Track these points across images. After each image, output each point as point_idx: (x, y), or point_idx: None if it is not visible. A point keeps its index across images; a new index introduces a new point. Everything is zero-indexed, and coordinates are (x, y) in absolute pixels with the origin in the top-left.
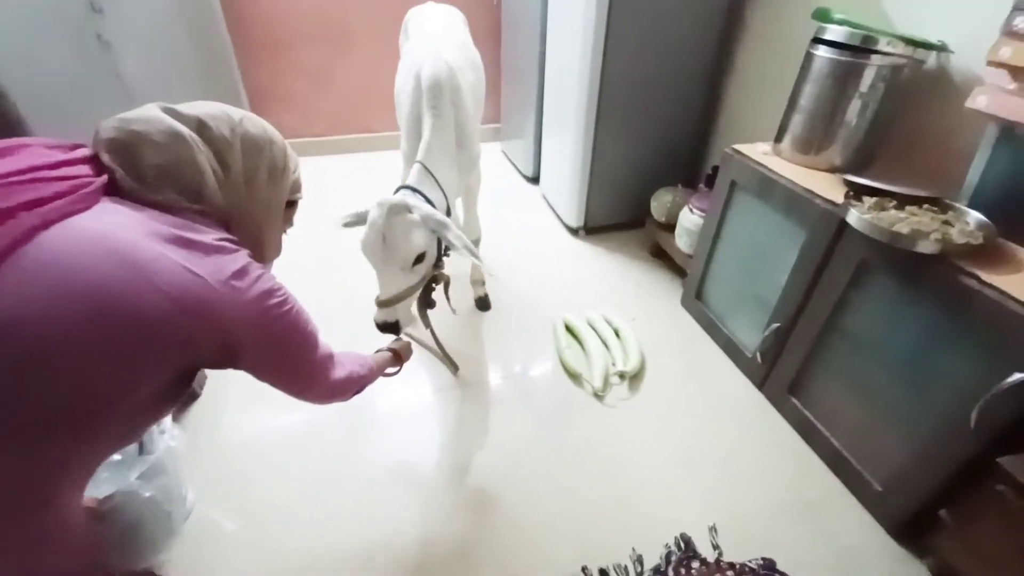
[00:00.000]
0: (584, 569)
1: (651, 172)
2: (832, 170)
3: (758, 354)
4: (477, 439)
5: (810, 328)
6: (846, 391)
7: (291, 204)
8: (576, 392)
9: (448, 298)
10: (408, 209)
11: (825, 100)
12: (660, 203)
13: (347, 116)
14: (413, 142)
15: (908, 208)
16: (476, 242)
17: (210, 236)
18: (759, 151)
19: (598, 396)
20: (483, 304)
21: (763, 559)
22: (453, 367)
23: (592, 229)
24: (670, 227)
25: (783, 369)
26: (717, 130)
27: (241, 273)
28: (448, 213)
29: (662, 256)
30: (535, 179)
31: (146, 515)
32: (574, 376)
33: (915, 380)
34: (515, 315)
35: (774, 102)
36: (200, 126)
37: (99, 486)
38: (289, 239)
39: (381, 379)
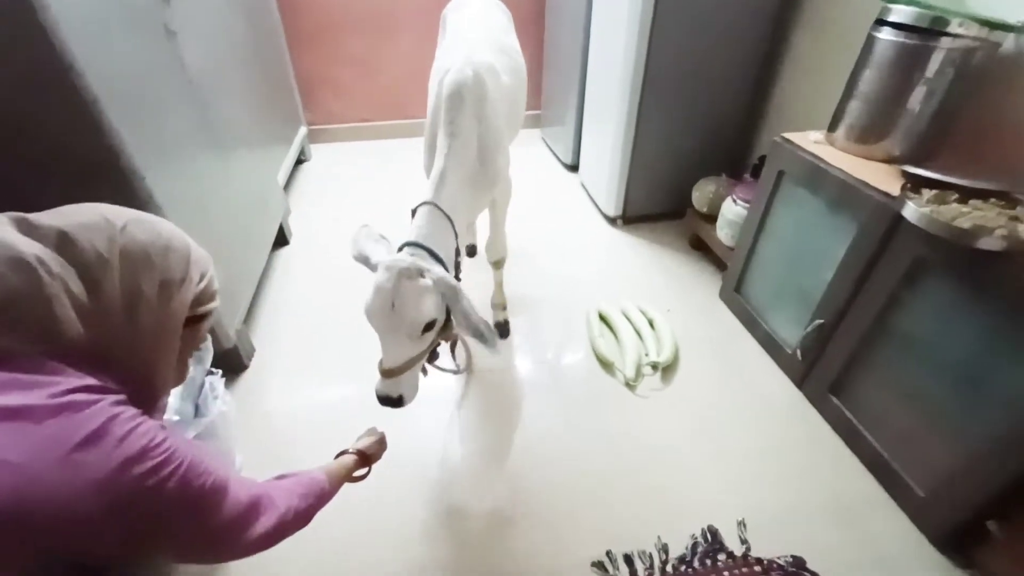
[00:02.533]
0: (608, 553)
1: (694, 161)
2: (890, 161)
3: (798, 351)
4: (506, 424)
5: (856, 326)
6: (892, 393)
7: (200, 318)
8: (608, 381)
9: (454, 357)
10: (420, 273)
11: (887, 86)
12: (702, 193)
13: (390, 102)
14: (431, 158)
15: (972, 202)
16: (500, 262)
17: (51, 389)
18: (811, 140)
19: (630, 386)
20: (503, 330)
21: (792, 557)
22: (455, 370)
23: (630, 219)
24: (711, 218)
25: (825, 367)
26: (766, 118)
27: (95, 438)
28: (458, 253)
29: (702, 248)
30: (574, 167)
31: None
32: (606, 365)
33: (970, 385)
34: (549, 303)
35: (829, 89)
36: (62, 242)
37: None
38: (332, 233)
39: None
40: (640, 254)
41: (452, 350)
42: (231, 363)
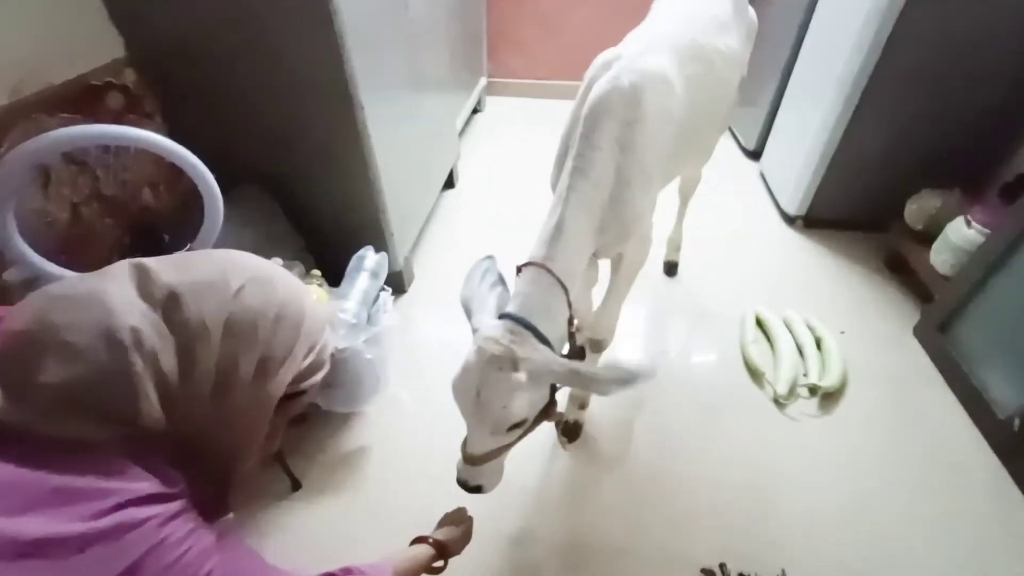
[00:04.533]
0: (722, 566)
1: (918, 166)
2: None
3: (1017, 419)
4: (632, 412)
5: None
6: None
7: (298, 394)
8: (753, 392)
9: (559, 432)
10: (514, 364)
11: None
12: (921, 207)
13: (570, 63)
14: (557, 176)
15: None
16: (601, 345)
17: (99, 504)
18: None
19: (779, 403)
20: (572, 432)
21: None
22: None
23: (814, 221)
24: (926, 238)
25: None
26: None
27: (138, 569)
28: (571, 323)
29: (902, 271)
30: (756, 154)
31: (364, 372)
32: (756, 374)
33: None
34: (702, 295)
35: None
36: (170, 305)
37: (339, 340)
38: (494, 184)
39: None
40: (819, 263)
41: (558, 427)
42: (395, 285)
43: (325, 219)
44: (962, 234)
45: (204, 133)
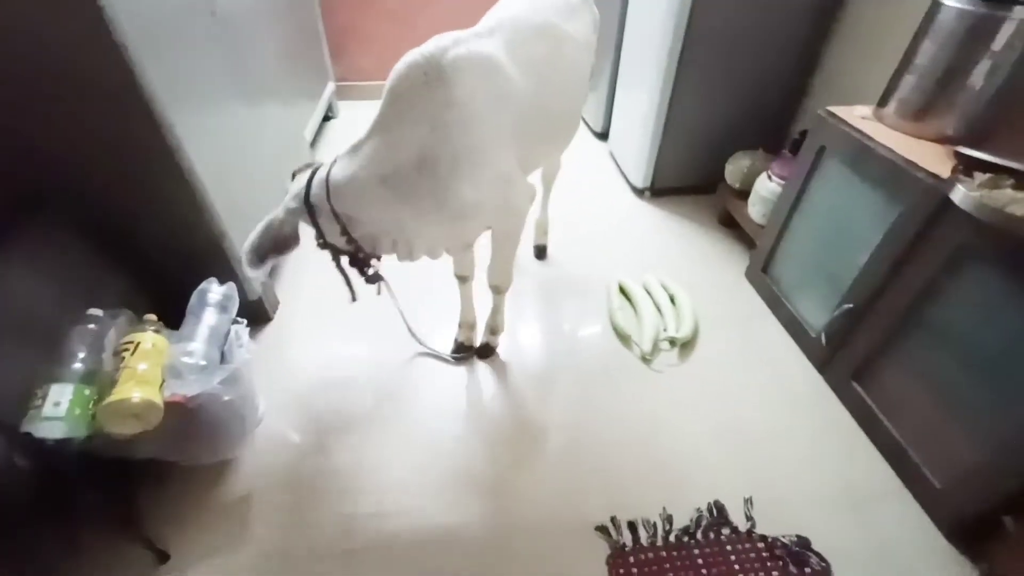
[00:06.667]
0: (613, 519)
1: (730, 134)
2: (942, 141)
3: (823, 335)
4: (520, 390)
5: (887, 314)
6: (918, 383)
7: None
8: (624, 355)
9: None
10: (301, 170)
11: (946, 60)
12: (736, 167)
13: None
14: None
15: None
16: (498, 288)
17: None
18: (857, 114)
19: (646, 360)
20: (484, 351)
21: (797, 536)
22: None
23: (659, 191)
24: (744, 194)
25: (849, 354)
26: (811, 91)
27: None
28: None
29: (732, 225)
30: (603, 135)
31: (224, 416)
32: (623, 338)
33: (1002, 380)
34: (569, 273)
35: (882, 61)
36: None
37: (188, 387)
38: None
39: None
40: (666, 228)
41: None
42: (256, 314)
43: (154, 253)
44: (766, 186)
45: None
